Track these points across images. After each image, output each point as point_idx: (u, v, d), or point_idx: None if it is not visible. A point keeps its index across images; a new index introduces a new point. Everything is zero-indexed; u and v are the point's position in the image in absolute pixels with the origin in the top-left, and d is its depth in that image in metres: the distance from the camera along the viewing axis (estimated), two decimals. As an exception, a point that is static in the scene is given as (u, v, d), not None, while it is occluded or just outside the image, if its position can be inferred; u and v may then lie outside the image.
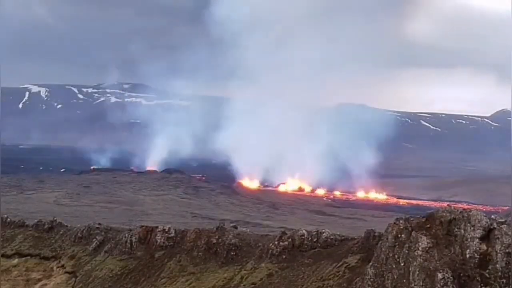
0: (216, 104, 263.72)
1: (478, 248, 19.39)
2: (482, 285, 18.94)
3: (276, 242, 31.79)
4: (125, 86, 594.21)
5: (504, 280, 18.79)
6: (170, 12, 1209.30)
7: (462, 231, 20.00)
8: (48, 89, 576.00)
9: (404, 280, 20.15)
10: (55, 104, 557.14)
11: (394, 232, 21.34)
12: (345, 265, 26.88)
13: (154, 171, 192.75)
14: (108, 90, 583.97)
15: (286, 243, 31.52)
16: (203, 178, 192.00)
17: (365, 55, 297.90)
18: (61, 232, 44.22)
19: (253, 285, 29.96)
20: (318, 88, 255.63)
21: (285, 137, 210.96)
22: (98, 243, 40.87)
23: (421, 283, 19.36)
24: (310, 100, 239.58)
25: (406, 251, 20.51)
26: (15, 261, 42.08)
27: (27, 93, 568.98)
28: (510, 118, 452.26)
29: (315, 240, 31.25)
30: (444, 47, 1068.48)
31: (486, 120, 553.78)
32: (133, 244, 38.04)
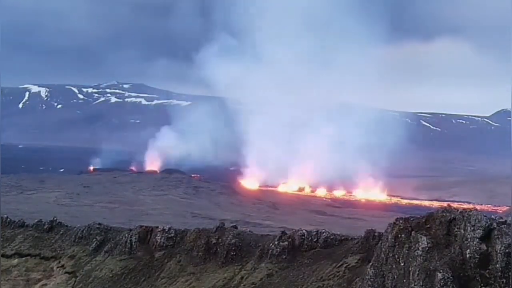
0: (216, 105, 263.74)
1: (478, 248, 19.35)
2: (482, 285, 18.90)
3: (276, 242, 31.79)
4: (125, 86, 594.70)
5: (504, 280, 18.75)
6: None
7: (462, 231, 19.97)
8: (48, 89, 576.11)
9: (404, 280, 20.14)
10: (55, 104, 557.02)
11: (394, 232, 21.33)
12: (345, 265, 26.87)
13: (154, 171, 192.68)
14: (108, 90, 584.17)
15: (286, 243, 31.53)
16: (203, 178, 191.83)
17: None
18: (61, 232, 44.23)
19: (253, 285, 29.95)
20: (318, 88, 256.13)
21: (285, 136, 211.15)
22: (98, 243, 40.87)
23: (421, 283, 19.33)
24: (310, 100, 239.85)
25: (406, 251, 20.50)
26: (15, 261, 42.05)
27: (27, 93, 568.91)
28: (510, 118, 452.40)
29: (315, 240, 31.26)
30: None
31: (486, 120, 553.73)
32: (133, 244, 38.04)
